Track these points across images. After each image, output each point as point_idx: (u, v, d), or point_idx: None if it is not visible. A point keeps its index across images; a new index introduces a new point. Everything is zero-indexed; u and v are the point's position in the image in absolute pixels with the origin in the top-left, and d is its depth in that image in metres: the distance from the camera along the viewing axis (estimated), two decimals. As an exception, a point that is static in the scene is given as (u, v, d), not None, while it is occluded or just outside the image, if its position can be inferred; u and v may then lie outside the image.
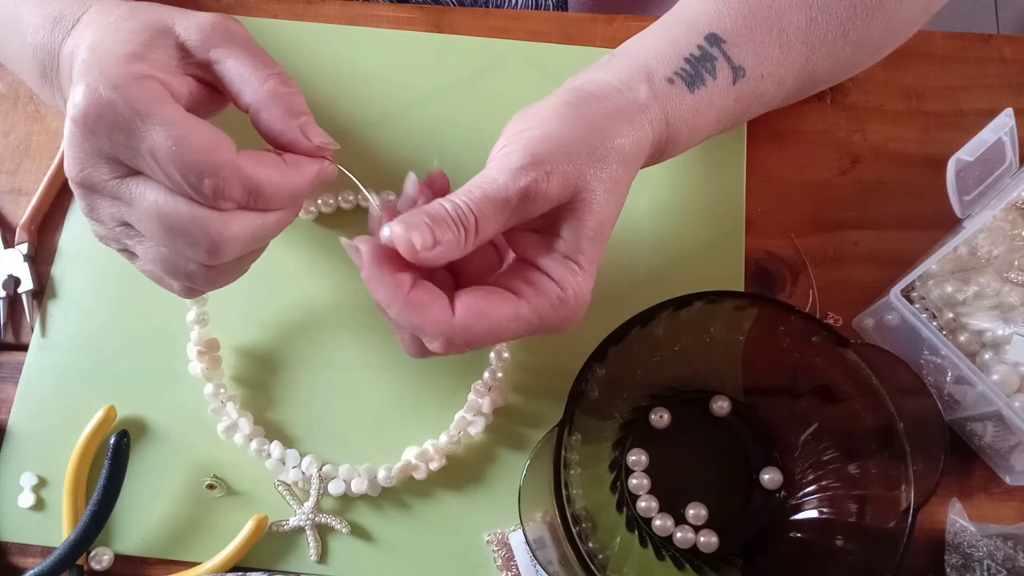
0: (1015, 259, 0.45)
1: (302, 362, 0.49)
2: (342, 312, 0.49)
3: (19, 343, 0.49)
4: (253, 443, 0.46)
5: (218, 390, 0.47)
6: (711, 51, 0.42)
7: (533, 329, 0.36)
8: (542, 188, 0.35)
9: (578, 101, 0.38)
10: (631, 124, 0.38)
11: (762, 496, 0.44)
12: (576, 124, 0.37)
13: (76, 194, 0.36)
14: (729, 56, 0.42)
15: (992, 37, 0.55)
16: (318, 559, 0.45)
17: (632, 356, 0.43)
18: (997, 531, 0.44)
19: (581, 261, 0.37)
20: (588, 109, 0.38)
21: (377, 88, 0.53)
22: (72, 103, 0.34)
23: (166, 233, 0.35)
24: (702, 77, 0.41)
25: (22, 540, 0.46)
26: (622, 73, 0.40)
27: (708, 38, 0.42)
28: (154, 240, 0.36)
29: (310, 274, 0.50)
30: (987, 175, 0.46)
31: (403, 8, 0.56)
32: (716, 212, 0.51)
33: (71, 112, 0.34)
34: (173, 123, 0.34)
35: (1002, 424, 0.43)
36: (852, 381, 0.40)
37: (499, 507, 0.45)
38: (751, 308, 0.42)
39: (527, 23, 0.55)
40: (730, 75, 0.41)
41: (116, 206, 0.36)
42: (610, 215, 0.38)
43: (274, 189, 0.36)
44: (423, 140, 0.53)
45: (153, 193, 0.35)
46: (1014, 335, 0.44)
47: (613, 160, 0.37)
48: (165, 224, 0.35)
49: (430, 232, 0.34)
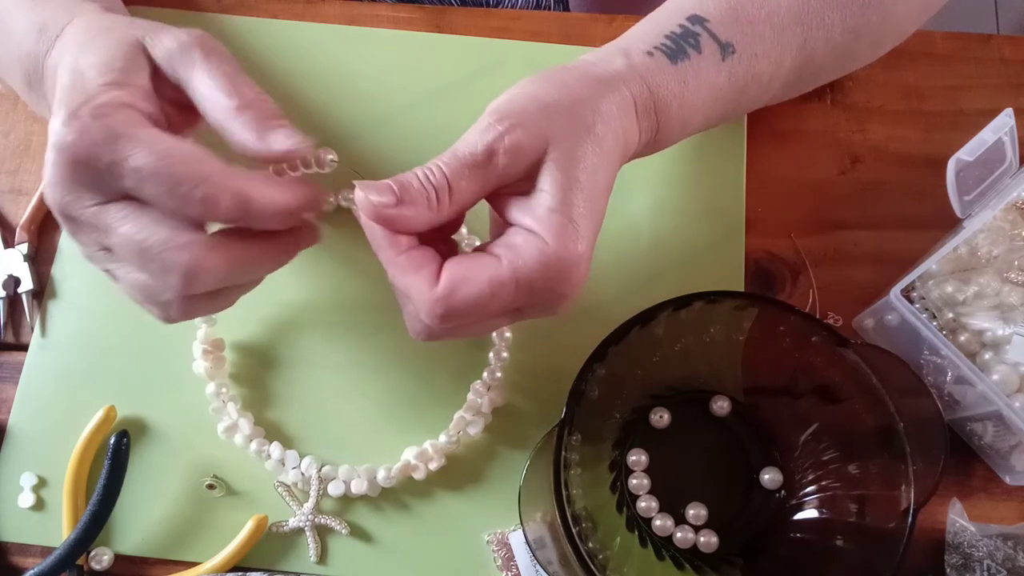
0: (1015, 259, 0.45)
1: (302, 362, 0.48)
2: (342, 312, 0.49)
3: (19, 343, 0.49)
4: (253, 444, 0.46)
5: (220, 389, 0.47)
6: (693, 28, 0.42)
7: (523, 295, 0.35)
8: (510, 141, 0.35)
9: (551, 71, 0.39)
10: (608, 87, 0.38)
11: (762, 496, 0.44)
12: (547, 86, 0.38)
13: (58, 220, 0.36)
14: (714, 33, 0.41)
15: (992, 37, 0.55)
16: (318, 560, 0.45)
17: (632, 356, 0.42)
18: (997, 531, 0.44)
19: (569, 214, 0.35)
20: (562, 76, 0.38)
21: (377, 88, 0.53)
22: (55, 130, 0.34)
23: (141, 259, 0.35)
24: (684, 51, 0.41)
25: (22, 540, 0.46)
26: (599, 52, 0.40)
27: (690, 18, 0.42)
28: (132, 265, 0.36)
29: (312, 273, 0.50)
30: (987, 175, 0.46)
31: (403, 8, 0.56)
32: (716, 212, 0.51)
33: (54, 139, 0.34)
34: (156, 142, 0.34)
35: (1002, 424, 0.43)
36: (852, 381, 0.40)
37: (499, 507, 0.46)
38: (751, 308, 0.42)
39: (527, 23, 0.55)
40: (718, 51, 0.41)
41: (95, 232, 0.36)
42: (598, 167, 0.37)
43: (265, 203, 0.35)
44: (423, 140, 0.52)
45: (131, 221, 0.34)
46: (1014, 335, 0.44)
47: (591, 115, 0.37)
48: (140, 249, 0.34)
49: (391, 192, 0.35)
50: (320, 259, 0.50)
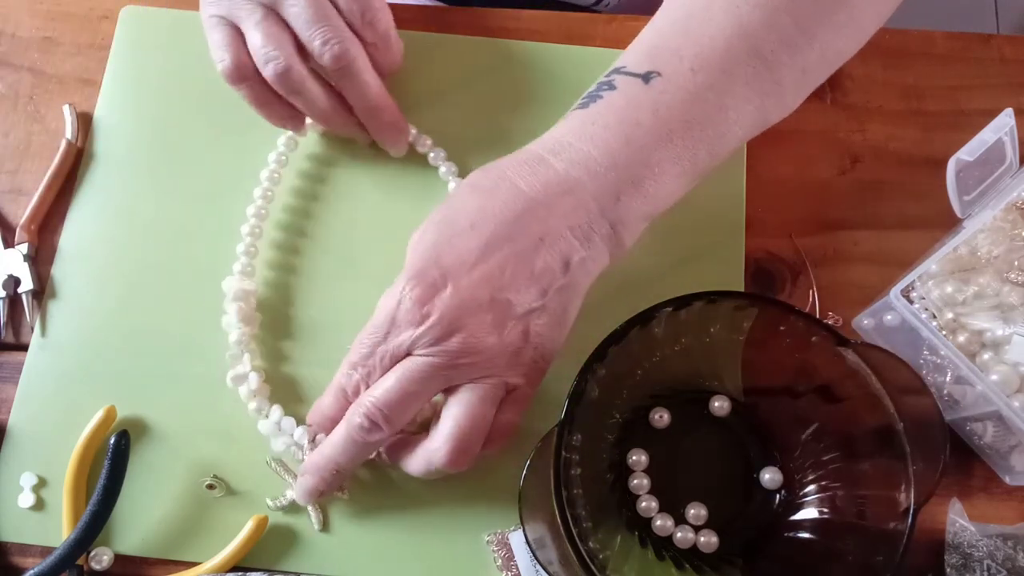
0: (1015, 259, 0.45)
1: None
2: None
3: (19, 343, 0.49)
4: (254, 402, 0.46)
5: (242, 338, 0.47)
6: (608, 79, 0.42)
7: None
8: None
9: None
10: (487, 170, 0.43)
11: (762, 496, 0.44)
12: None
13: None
14: (631, 72, 0.42)
15: (992, 37, 0.55)
16: (321, 528, 0.45)
17: (632, 356, 0.43)
18: (997, 531, 0.44)
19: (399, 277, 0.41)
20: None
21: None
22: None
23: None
24: (598, 96, 0.42)
25: (22, 540, 0.46)
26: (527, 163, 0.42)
27: (608, 74, 0.43)
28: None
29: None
30: (987, 175, 0.46)
31: (403, 8, 0.56)
32: (716, 212, 0.51)
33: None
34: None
35: (1002, 424, 0.43)
36: (852, 381, 0.40)
37: (499, 507, 0.46)
38: (751, 308, 0.42)
39: (527, 23, 0.55)
40: (637, 80, 0.41)
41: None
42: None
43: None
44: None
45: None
46: (1014, 335, 0.44)
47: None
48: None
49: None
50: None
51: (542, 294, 0.40)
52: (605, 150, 0.41)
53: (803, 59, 0.43)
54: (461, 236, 0.41)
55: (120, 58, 0.54)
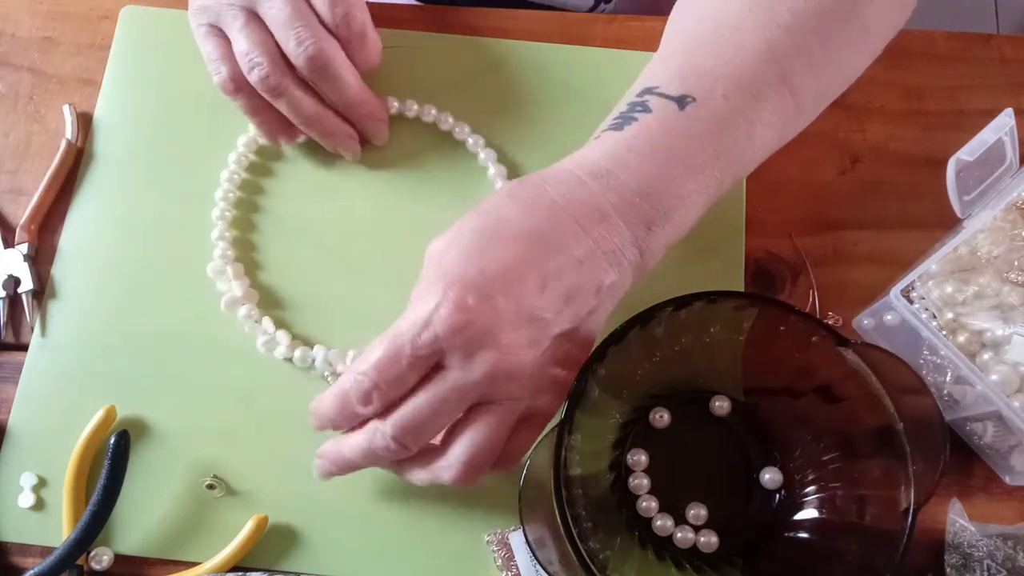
0: (1015, 259, 0.45)
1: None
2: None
3: (19, 343, 0.49)
4: (245, 309, 0.48)
5: (225, 254, 0.49)
6: (641, 99, 0.42)
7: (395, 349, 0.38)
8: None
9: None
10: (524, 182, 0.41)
11: (762, 496, 0.44)
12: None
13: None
14: (665, 93, 0.41)
15: (992, 37, 0.55)
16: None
17: (632, 356, 0.42)
18: (997, 531, 0.44)
19: (413, 295, 0.40)
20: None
21: (376, 89, 0.53)
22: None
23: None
24: (632, 118, 0.41)
25: (22, 540, 0.46)
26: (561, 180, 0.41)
27: (641, 92, 0.42)
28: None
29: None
30: (987, 175, 0.46)
31: (403, 8, 0.56)
32: (716, 212, 0.50)
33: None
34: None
35: (1002, 424, 0.43)
36: (852, 381, 0.40)
37: (499, 507, 0.46)
38: (751, 308, 0.42)
39: (527, 23, 0.55)
40: (671, 104, 0.41)
41: None
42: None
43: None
44: (423, 140, 0.52)
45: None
46: (1014, 335, 0.44)
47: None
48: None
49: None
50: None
51: (575, 316, 0.40)
52: (640, 180, 0.40)
53: (824, 82, 0.44)
54: (505, 247, 0.39)
55: (120, 58, 0.54)
